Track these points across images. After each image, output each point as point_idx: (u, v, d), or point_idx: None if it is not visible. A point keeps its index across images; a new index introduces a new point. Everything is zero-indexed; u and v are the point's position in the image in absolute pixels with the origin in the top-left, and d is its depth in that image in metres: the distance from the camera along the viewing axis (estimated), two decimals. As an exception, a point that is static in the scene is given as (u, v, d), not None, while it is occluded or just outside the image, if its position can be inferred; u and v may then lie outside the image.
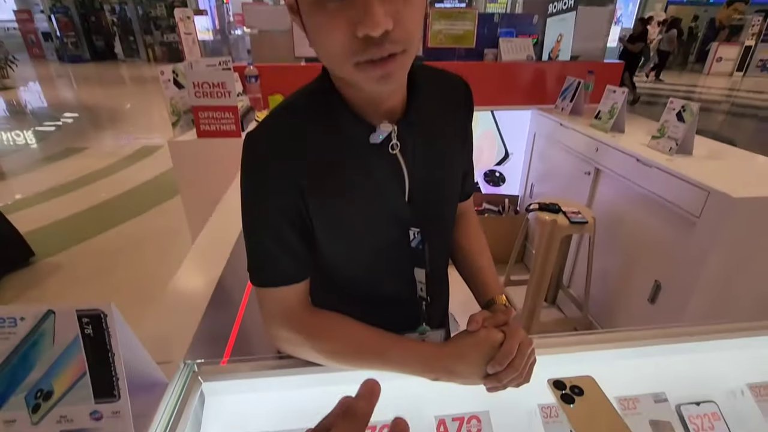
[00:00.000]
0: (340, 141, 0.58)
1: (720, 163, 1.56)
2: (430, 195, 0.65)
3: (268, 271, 0.60)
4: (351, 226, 0.62)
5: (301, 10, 0.48)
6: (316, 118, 0.59)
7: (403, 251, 0.66)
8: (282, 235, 0.59)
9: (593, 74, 2.33)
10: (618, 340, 0.71)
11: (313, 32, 0.49)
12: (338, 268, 0.67)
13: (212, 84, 1.76)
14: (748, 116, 6.96)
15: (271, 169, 0.57)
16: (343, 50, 0.47)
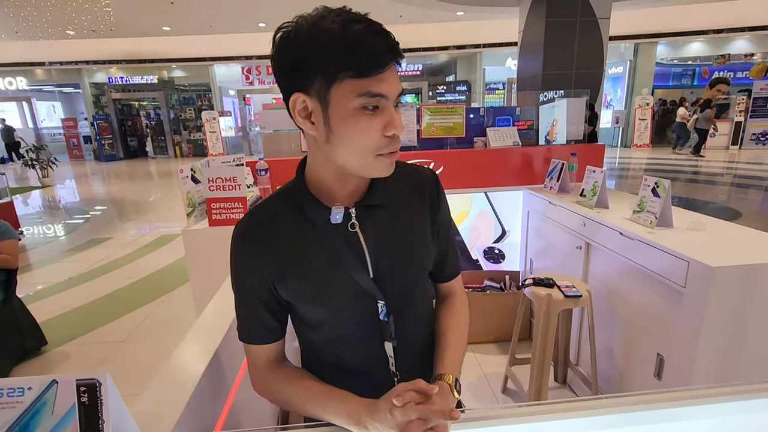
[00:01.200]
0: (306, 225, 0.70)
1: (699, 234, 1.62)
2: (395, 271, 0.73)
3: (246, 332, 0.75)
4: (316, 296, 0.71)
5: (332, 116, 0.61)
6: (286, 208, 0.71)
7: (372, 324, 0.73)
8: (253, 308, 0.72)
9: (576, 156, 2.51)
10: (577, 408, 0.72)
11: (346, 133, 0.61)
12: (314, 334, 0.76)
13: (225, 179, 1.96)
14: (754, 187, 7.06)
15: (244, 255, 0.70)
16: (373, 145, 0.62)
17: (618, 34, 11.40)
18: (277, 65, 0.63)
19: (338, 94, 0.59)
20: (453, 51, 12.87)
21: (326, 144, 0.64)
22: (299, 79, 0.61)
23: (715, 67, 12.60)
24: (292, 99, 0.63)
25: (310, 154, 0.70)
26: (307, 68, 0.60)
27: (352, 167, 0.65)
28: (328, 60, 0.58)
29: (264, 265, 0.69)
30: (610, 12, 5.25)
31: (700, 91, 12.39)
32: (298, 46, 0.59)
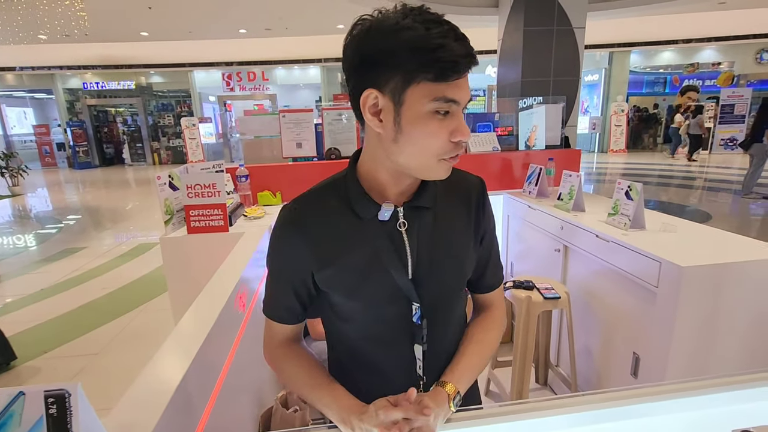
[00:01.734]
0: (352, 218, 0.70)
1: (671, 235, 1.68)
2: (434, 275, 0.72)
3: (270, 308, 0.79)
4: (353, 290, 0.71)
5: (404, 117, 0.61)
6: (335, 199, 0.71)
7: (404, 325, 0.73)
8: (282, 290, 0.76)
9: (553, 161, 2.57)
10: (552, 407, 0.74)
11: (415, 134, 0.61)
12: (346, 326, 0.77)
13: (204, 185, 1.93)
14: (723, 190, 7.33)
15: (286, 240, 0.72)
16: (439, 149, 0.63)
17: (593, 43, 11.78)
18: (352, 58, 0.62)
19: (413, 95, 0.59)
20: (434, 58, 13.03)
21: (392, 143, 0.63)
22: (375, 76, 0.60)
23: (685, 75, 13.11)
24: (364, 94, 0.62)
25: (368, 150, 0.70)
26: (385, 66, 0.59)
27: (413, 168, 0.66)
28: (409, 60, 0.57)
29: (305, 253, 0.71)
30: (585, 21, 5.41)
31: (672, 98, 12.87)
32: (378, 42, 0.59)
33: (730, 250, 1.51)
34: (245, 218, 2.19)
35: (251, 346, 1.58)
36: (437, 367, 0.75)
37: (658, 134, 13.60)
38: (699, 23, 10.24)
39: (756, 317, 1.46)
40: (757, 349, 1.49)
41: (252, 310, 1.55)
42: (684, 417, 0.76)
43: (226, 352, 1.22)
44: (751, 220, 5.58)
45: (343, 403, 0.67)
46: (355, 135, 2.67)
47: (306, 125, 2.61)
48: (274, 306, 0.78)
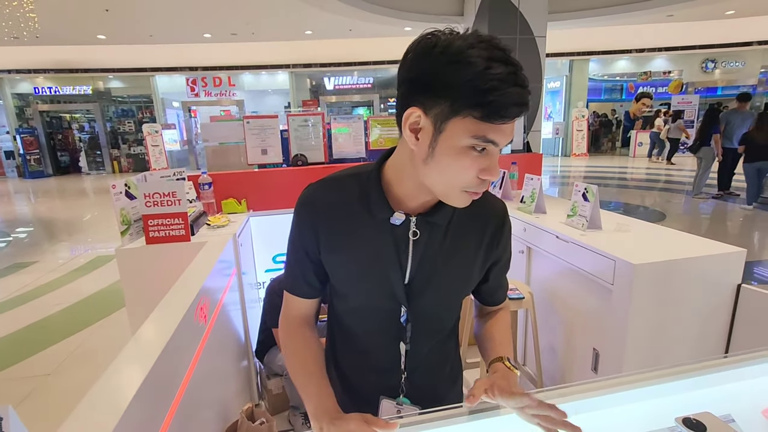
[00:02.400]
0: (366, 214, 0.73)
1: (625, 235, 1.76)
2: (429, 287, 0.76)
3: (291, 283, 0.82)
4: (352, 277, 0.77)
5: (440, 144, 0.61)
6: (356, 191, 0.74)
7: (393, 323, 0.78)
8: (302, 263, 0.79)
9: (516, 164, 2.64)
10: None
11: (447, 164, 0.62)
12: (342, 306, 0.83)
13: (163, 194, 1.87)
14: (676, 191, 7.77)
15: (307, 216, 0.76)
16: (466, 183, 0.64)
17: (554, 52, 12.26)
18: (410, 71, 0.62)
19: (455, 127, 0.59)
20: (402, 65, 13.18)
21: (422, 163, 0.65)
22: (423, 96, 0.61)
23: (639, 82, 13.85)
24: (409, 111, 0.63)
25: (397, 159, 0.71)
26: (436, 90, 0.59)
27: (436, 189, 0.67)
28: (460, 94, 0.57)
29: (319, 232, 0.75)
30: (546, 31, 5.63)
31: (628, 104, 13.56)
32: (436, 66, 0.58)
33: (679, 248, 1.59)
34: (208, 227, 2.13)
35: (214, 358, 1.53)
36: (419, 367, 0.82)
37: (617, 139, 14.28)
38: (650, 34, 10.88)
39: (702, 309, 1.55)
40: (704, 339, 1.58)
41: (214, 322, 1.50)
42: (634, 408, 0.79)
43: (185, 366, 1.17)
44: (701, 219, 5.94)
45: (323, 401, 0.70)
46: (322, 141, 2.66)
47: (271, 131, 2.58)
48: (295, 281, 0.81)
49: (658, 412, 0.77)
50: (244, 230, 2.29)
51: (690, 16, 8.51)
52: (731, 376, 0.84)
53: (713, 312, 1.56)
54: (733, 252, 1.52)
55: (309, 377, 0.75)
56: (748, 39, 12.21)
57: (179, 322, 1.14)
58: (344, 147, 2.74)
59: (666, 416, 0.75)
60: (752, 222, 5.62)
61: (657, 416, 0.76)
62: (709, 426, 0.70)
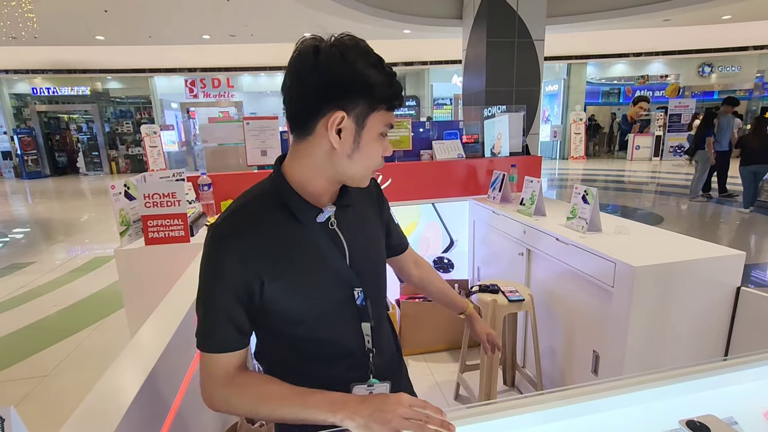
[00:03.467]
0: (293, 225, 0.75)
1: (625, 237, 1.77)
2: (366, 261, 0.84)
3: (215, 339, 0.72)
4: (305, 291, 0.76)
5: (363, 137, 0.72)
6: (270, 208, 0.75)
7: (350, 309, 0.81)
8: (229, 310, 0.72)
9: (516, 167, 2.65)
10: (514, 407, 0.76)
11: (369, 152, 0.74)
12: (296, 330, 0.78)
13: (162, 194, 1.86)
14: (674, 194, 7.79)
15: (228, 254, 0.70)
16: (377, 163, 0.77)
17: (552, 55, 12.31)
18: (323, 78, 0.68)
19: (373, 121, 0.72)
20: (401, 67, 13.22)
21: (346, 157, 0.73)
22: (343, 100, 0.69)
23: (636, 86, 13.93)
24: (334, 115, 0.69)
25: (306, 161, 0.75)
26: (355, 92, 0.69)
27: (356, 178, 0.77)
28: (376, 92, 0.70)
29: (252, 264, 0.71)
30: (544, 34, 5.66)
31: (626, 107, 13.62)
32: (351, 71, 0.68)
33: (679, 250, 1.60)
34: (208, 228, 2.12)
35: (214, 360, 1.52)
36: (380, 337, 0.87)
37: (614, 142, 14.33)
38: (647, 38, 10.94)
39: (702, 312, 1.55)
40: (704, 341, 1.59)
41: (214, 323, 1.50)
42: (635, 410, 0.79)
43: (185, 368, 1.16)
44: (699, 222, 5.96)
45: (334, 395, 0.69)
46: (322, 142, 2.66)
47: (271, 133, 2.57)
48: (216, 334, 0.72)
49: (660, 414, 0.77)
50: (244, 231, 2.28)
51: (686, 20, 8.57)
52: (733, 379, 0.84)
53: (713, 314, 1.56)
54: (732, 255, 1.53)
55: (297, 396, 0.70)
56: (744, 44, 12.29)
57: (180, 322, 1.13)
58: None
59: (668, 419, 0.75)
60: (749, 225, 5.64)
61: (659, 419, 0.76)
62: (713, 428, 0.70)
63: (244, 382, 0.73)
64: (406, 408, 0.64)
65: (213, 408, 0.75)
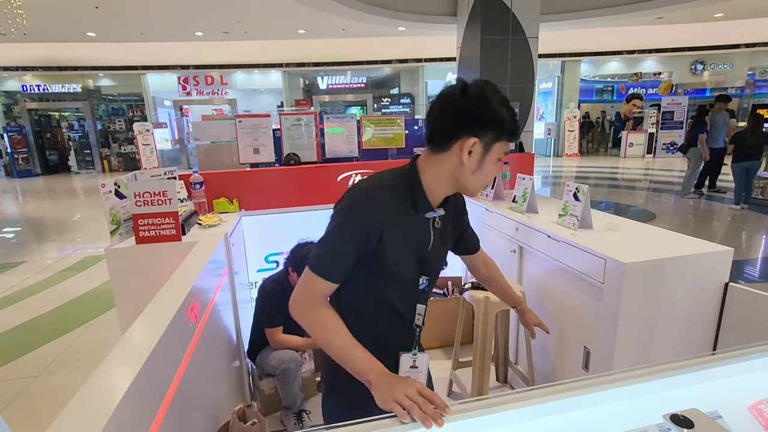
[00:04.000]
0: (411, 211, 0.97)
1: (615, 234, 1.78)
2: (437, 257, 1.07)
3: (328, 268, 0.93)
4: (398, 259, 0.97)
5: (486, 160, 0.93)
6: (403, 193, 0.96)
7: (413, 290, 1.03)
8: (346, 257, 0.93)
9: (508, 164, 2.66)
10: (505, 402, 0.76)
11: (488, 171, 0.95)
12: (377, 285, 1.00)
13: (153, 193, 1.85)
14: (666, 191, 7.85)
15: (371, 219, 0.92)
16: (490, 179, 1.00)
17: (546, 52, 12.34)
18: (465, 109, 0.89)
19: (497, 148, 0.93)
20: (396, 65, 13.20)
21: (470, 173, 0.94)
22: (478, 129, 0.90)
23: (630, 83, 13.99)
24: (470, 140, 0.89)
25: (437, 169, 0.95)
26: (488, 124, 0.90)
27: (470, 189, 0.98)
28: (503, 127, 0.91)
29: (377, 225, 0.92)
30: (538, 32, 5.66)
31: (620, 105, 13.69)
32: (488, 108, 0.89)
33: (669, 247, 1.61)
34: (200, 226, 2.11)
35: (205, 359, 1.52)
36: (425, 319, 1.08)
37: (608, 139, 14.41)
38: (641, 36, 10.99)
39: (691, 307, 1.57)
40: (693, 336, 1.60)
41: (205, 323, 1.49)
42: (623, 405, 0.80)
43: (175, 366, 1.16)
44: (689, 218, 6.01)
45: (376, 364, 0.86)
46: (315, 140, 2.65)
47: (263, 131, 2.56)
48: (332, 266, 0.93)
49: (647, 408, 0.78)
50: (236, 230, 2.27)
51: (679, 18, 8.62)
52: (718, 373, 0.85)
53: (701, 310, 1.58)
54: (720, 251, 1.55)
55: (352, 343, 0.89)
56: (736, 42, 12.39)
57: (169, 322, 1.12)
58: (337, 146, 2.73)
59: (655, 413, 0.76)
60: (740, 222, 5.70)
61: (646, 413, 0.77)
62: (697, 422, 0.70)
63: (328, 313, 0.93)
64: (412, 390, 0.74)
65: (294, 314, 0.95)
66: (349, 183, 2.66)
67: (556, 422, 0.77)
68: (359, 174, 2.66)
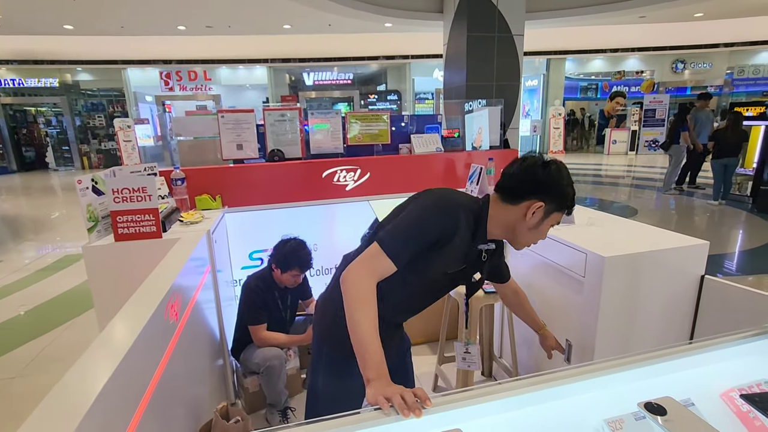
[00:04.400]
0: (470, 237, 1.11)
1: (597, 229, 1.81)
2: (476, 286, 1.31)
3: (396, 249, 1.01)
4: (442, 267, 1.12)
5: (543, 223, 1.12)
6: (469, 220, 1.10)
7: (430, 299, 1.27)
8: (417, 245, 1.03)
9: (493, 160, 2.67)
10: (486, 393, 0.77)
11: (541, 232, 1.15)
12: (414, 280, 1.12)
13: (132, 189, 1.81)
14: (648, 187, 8.01)
15: (448, 216, 1.07)
16: (539, 239, 1.18)
17: (532, 50, 12.44)
18: (543, 179, 1.08)
19: (554, 216, 1.12)
20: (383, 61, 13.17)
21: (527, 228, 1.12)
22: (544, 196, 1.08)
23: (613, 81, 14.22)
24: (538, 204, 1.08)
25: (501, 216, 1.13)
26: (553, 195, 1.09)
27: (520, 242, 1.17)
28: (565, 202, 1.11)
29: (455, 230, 1.06)
30: (524, 29, 5.71)
31: (603, 102, 13.90)
32: (559, 185, 1.09)
33: (648, 241, 1.64)
34: (181, 223, 2.08)
35: (187, 357, 1.50)
36: None
37: (591, 137, 14.63)
38: (624, 35, 11.17)
39: (669, 299, 1.60)
40: (671, 327, 1.64)
41: (186, 320, 1.47)
42: (600, 395, 0.81)
43: (154, 365, 1.14)
44: (670, 214, 6.15)
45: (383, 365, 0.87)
46: (299, 136, 2.63)
47: (246, 126, 2.53)
48: (402, 249, 1.01)
49: (624, 397, 0.79)
50: (219, 227, 2.24)
51: (661, 17, 8.78)
52: (692, 363, 0.87)
53: (679, 301, 1.62)
54: (697, 245, 1.58)
55: (376, 334, 0.91)
56: (715, 41, 12.69)
57: (148, 320, 1.10)
58: (322, 143, 2.71)
59: (631, 401, 0.77)
60: (718, 217, 5.86)
61: (623, 401, 0.78)
62: (670, 410, 0.72)
63: (374, 293, 0.97)
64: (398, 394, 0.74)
65: (346, 277, 0.99)
66: (335, 179, 2.64)
67: (536, 412, 0.78)
68: (345, 170, 2.65)
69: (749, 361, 0.91)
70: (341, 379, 1.21)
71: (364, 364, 0.87)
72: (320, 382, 1.30)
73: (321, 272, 2.82)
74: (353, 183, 2.67)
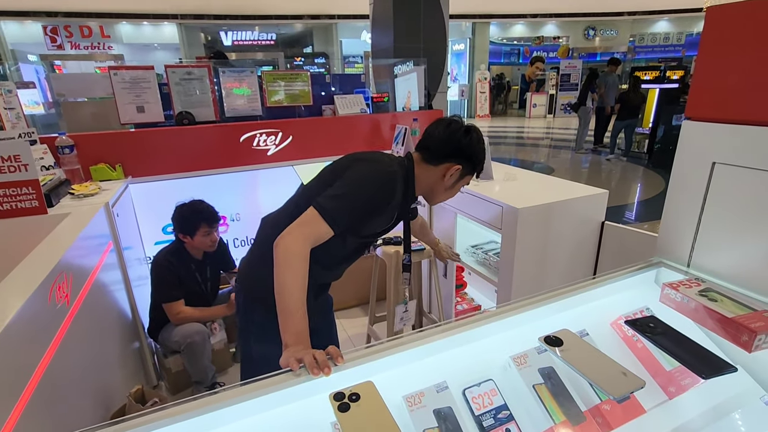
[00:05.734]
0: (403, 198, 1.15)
1: (513, 183, 1.89)
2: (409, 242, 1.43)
3: (336, 217, 1.00)
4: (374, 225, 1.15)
5: (458, 183, 1.20)
6: (403, 188, 1.14)
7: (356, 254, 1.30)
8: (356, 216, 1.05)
9: (418, 121, 2.67)
10: (400, 344, 0.77)
11: (452, 191, 1.23)
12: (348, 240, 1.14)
13: (3, 158, 1.54)
14: (564, 147, 8.62)
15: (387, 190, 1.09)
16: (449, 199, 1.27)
17: (457, 13, 12.50)
18: (463, 146, 1.14)
19: (465, 179, 1.21)
20: (308, 21, 12.46)
21: (443, 188, 1.19)
22: (466, 162, 1.16)
23: (533, 47, 14.85)
24: (456, 167, 1.15)
25: (424, 175, 1.18)
26: (473, 162, 1.18)
27: (435, 200, 1.25)
28: (478, 167, 1.21)
29: (390, 203, 1.11)
30: (448, -10, 5.65)
31: (525, 67, 14.53)
32: (477, 152, 1.17)
33: (557, 192, 1.75)
34: (72, 196, 1.83)
35: (87, 342, 1.35)
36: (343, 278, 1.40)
37: (514, 100, 15.33)
38: (542, 1, 11.59)
39: (575, 243, 1.75)
40: (577, 268, 1.80)
41: (82, 303, 1.31)
42: (508, 335, 0.85)
43: (38, 354, 1.00)
44: (582, 171, 6.72)
45: (305, 331, 0.86)
46: (210, 97, 2.40)
47: (147, 86, 2.25)
48: (341, 216, 1.00)
49: (529, 335, 0.84)
50: (123, 199, 2.01)
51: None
52: (588, 297, 0.95)
53: (583, 244, 1.77)
54: (597, 194, 1.72)
55: (303, 301, 0.90)
56: (620, 9, 13.66)
57: (23, 303, 0.95)
58: (238, 104, 2.51)
59: (535, 338, 0.82)
60: (620, 172, 6.52)
61: (527, 339, 0.83)
62: (566, 340, 0.77)
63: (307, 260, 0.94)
64: (310, 353, 0.73)
65: (277, 243, 0.94)
66: (254, 144, 2.48)
67: (447, 358, 0.80)
68: (265, 134, 2.49)
69: (635, 293, 1.01)
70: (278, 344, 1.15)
71: (286, 330, 0.86)
72: (255, 350, 1.23)
73: (246, 242, 2.68)
74: (275, 147, 2.53)
